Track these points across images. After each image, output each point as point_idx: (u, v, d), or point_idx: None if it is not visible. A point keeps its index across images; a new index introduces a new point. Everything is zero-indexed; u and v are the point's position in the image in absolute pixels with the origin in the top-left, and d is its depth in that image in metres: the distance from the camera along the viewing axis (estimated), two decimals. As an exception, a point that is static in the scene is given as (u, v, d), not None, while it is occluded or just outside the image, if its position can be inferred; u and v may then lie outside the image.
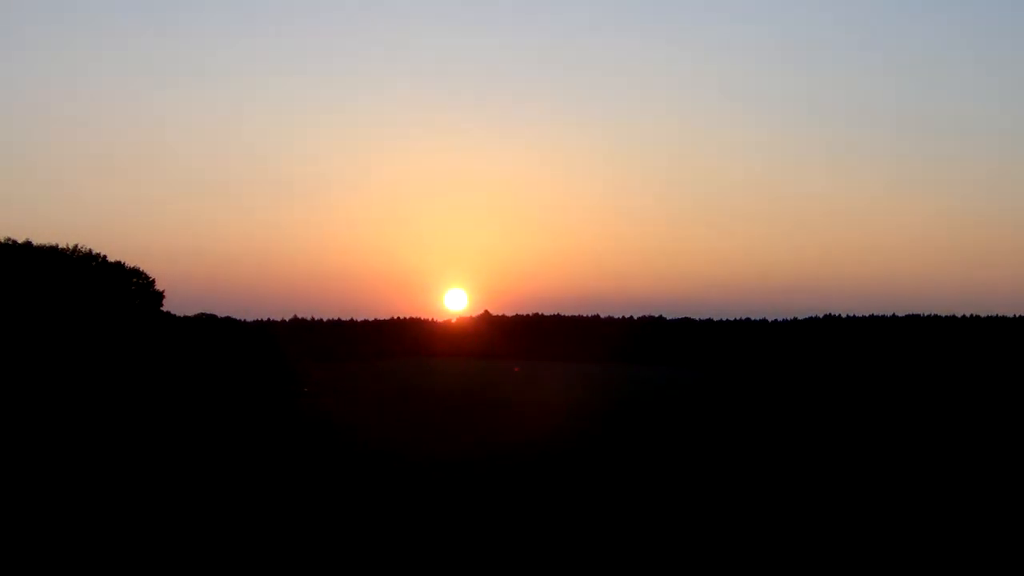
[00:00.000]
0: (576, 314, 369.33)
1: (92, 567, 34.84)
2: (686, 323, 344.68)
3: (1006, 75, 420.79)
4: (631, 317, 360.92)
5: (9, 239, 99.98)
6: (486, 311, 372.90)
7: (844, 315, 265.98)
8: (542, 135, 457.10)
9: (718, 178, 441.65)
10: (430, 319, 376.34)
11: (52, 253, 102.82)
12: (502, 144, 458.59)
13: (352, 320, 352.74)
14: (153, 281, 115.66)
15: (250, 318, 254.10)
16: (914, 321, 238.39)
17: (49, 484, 52.15)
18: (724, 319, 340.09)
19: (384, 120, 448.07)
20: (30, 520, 42.48)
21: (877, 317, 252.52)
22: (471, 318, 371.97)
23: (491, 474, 59.81)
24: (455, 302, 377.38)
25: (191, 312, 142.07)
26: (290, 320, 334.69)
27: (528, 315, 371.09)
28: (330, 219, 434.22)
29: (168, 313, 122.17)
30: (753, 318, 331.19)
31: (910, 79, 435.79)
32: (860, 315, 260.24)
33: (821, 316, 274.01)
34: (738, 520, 45.64)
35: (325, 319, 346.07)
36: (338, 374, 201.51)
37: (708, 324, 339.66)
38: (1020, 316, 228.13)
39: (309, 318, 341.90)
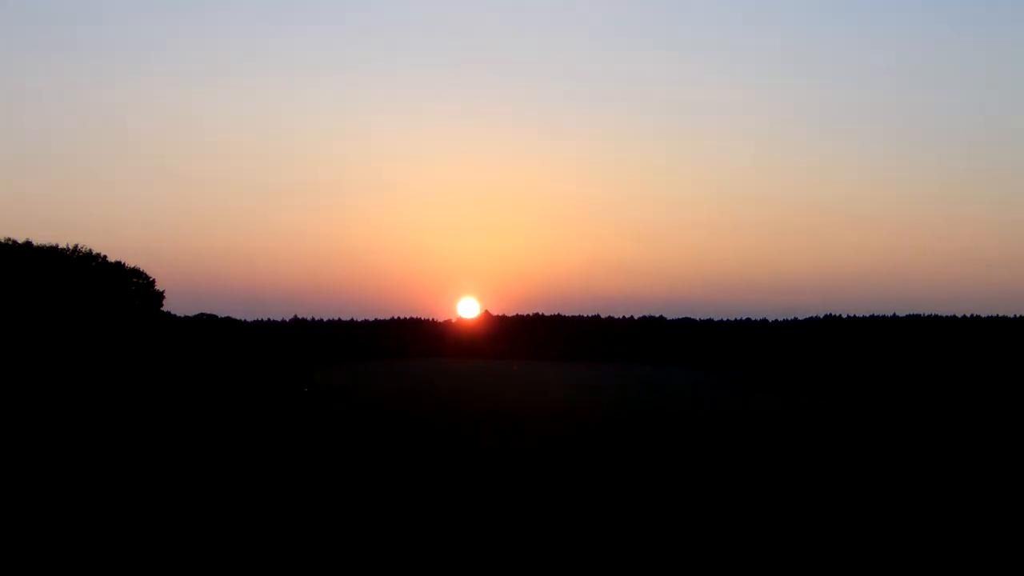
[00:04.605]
0: (576, 314, 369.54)
1: (94, 562, 34.83)
2: (686, 323, 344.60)
3: (1006, 80, 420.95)
4: (631, 317, 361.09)
5: (9, 239, 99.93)
6: (486, 311, 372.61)
7: (845, 315, 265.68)
8: (546, 141, 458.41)
9: (719, 181, 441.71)
10: (430, 319, 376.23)
11: (52, 253, 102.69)
12: (505, 150, 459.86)
13: (352, 320, 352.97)
14: (153, 281, 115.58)
15: (250, 318, 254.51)
16: (915, 321, 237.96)
17: (51, 481, 52.14)
18: (724, 319, 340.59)
19: (386, 122, 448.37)
20: (33, 516, 42.48)
21: (878, 317, 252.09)
22: (471, 319, 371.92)
23: (467, 475, 59.86)
24: (467, 310, 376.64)
25: (191, 312, 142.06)
26: (290, 320, 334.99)
27: (528, 315, 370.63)
28: (332, 220, 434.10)
29: (168, 313, 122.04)
30: (753, 318, 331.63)
31: (910, 83, 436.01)
32: (861, 315, 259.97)
33: (822, 316, 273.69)
34: (740, 519, 45.64)
35: (325, 319, 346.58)
36: (336, 374, 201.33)
37: (708, 324, 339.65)
38: (1020, 316, 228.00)
39: (309, 318, 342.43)
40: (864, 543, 40.94)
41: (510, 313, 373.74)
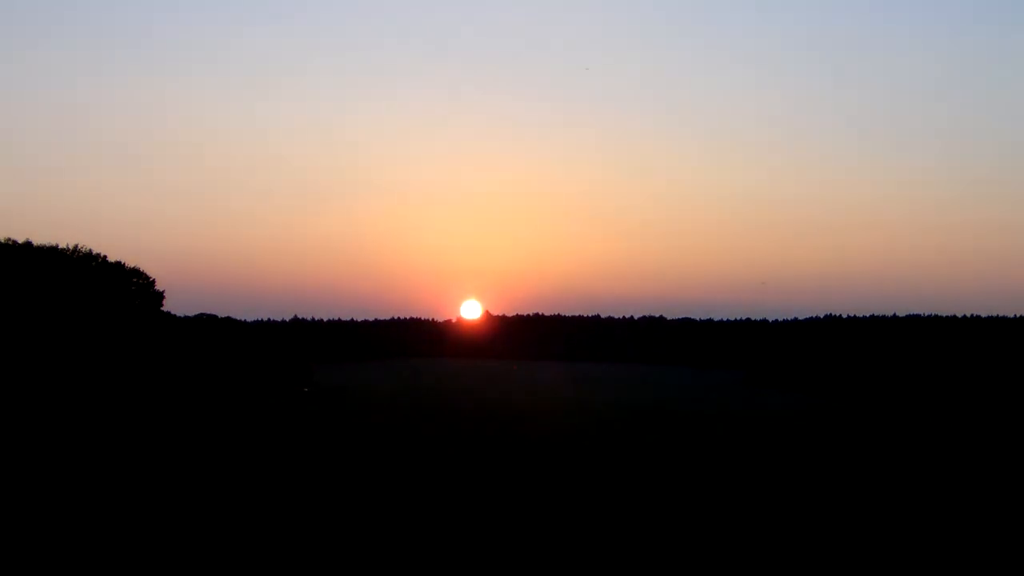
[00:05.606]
0: (576, 314, 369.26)
1: (95, 561, 34.85)
2: (686, 323, 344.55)
3: (1006, 82, 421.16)
4: (631, 317, 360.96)
5: (9, 239, 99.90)
6: (487, 311, 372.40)
7: (845, 315, 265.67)
8: (547, 142, 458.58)
9: (719, 181, 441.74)
10: (431, 319, 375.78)
11: (52, 253, 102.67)
12: (506, 151, 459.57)
13: (352, 320, 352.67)
14: (153, 281, 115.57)
15: (250, 318, 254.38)
16: (915, 321, 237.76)
17: (52, 480, 52.17)
18: (724, 319, 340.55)
19: (387, 122, 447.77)
20: (34, 515, 42.51)
21: (878, 317, 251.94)
22: (472, 319, 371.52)
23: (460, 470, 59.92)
24: (470, 311, 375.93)
25: (191, 312, 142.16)
26: (290, 320, 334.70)
27: (528, 315, 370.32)
28: (333, 220, 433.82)
29: (168, 313, 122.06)
30: (753, 318, 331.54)
31: (911, 82, 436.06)
32: (861, 315, 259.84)
33: (822, 316, 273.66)
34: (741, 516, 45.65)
35: (325, 319, 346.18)
36: (336, 374, 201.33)
37: (708, 324, 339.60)
38: (1020, 316, 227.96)
39: (309, 318, 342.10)
40: (864, 542, 40.95)
41: (511, 313, 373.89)
